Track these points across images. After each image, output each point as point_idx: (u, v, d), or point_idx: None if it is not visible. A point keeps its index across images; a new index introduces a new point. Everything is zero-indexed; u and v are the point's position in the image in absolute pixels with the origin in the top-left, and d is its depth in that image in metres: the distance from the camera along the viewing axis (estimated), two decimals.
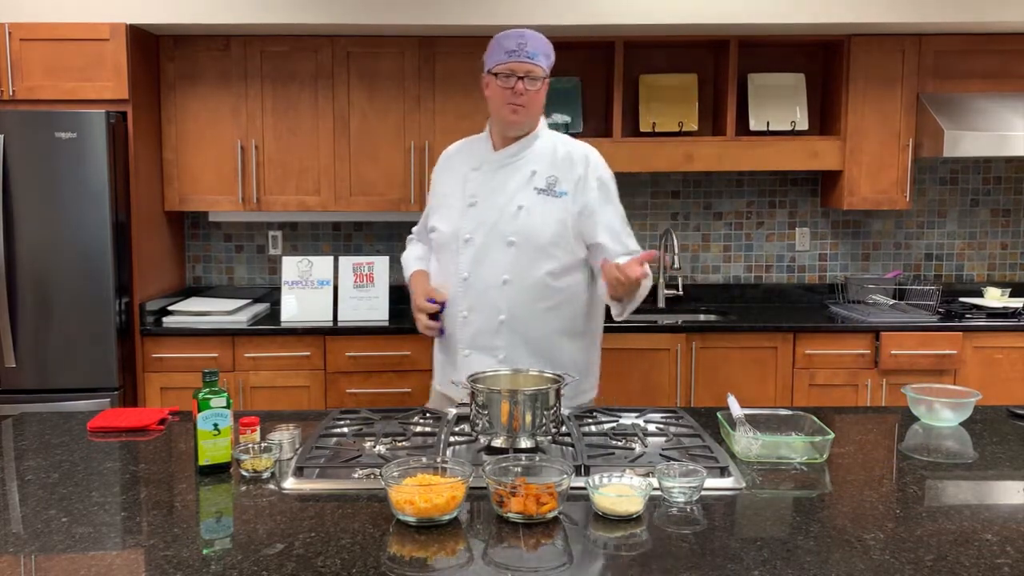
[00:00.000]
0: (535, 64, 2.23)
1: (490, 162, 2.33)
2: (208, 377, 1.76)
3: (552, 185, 2.27)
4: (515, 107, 2.24)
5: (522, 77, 2.22)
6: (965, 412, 2.10)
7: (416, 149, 3.85)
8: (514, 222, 2.25)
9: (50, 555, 1.38)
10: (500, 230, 2.26)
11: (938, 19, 3.61)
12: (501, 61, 2.23)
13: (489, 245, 2.26)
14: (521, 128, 2.31)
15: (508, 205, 2.26)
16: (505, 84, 2.23)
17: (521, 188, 2.28)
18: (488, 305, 2.26)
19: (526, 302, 2.25)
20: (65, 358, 3.46)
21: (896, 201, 3.94)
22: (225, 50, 3.81)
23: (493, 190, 2.29)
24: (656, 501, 1.57)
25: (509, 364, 2.24)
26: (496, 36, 2.27)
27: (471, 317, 2.29)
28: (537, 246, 2.25)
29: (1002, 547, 1.40)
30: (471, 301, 2.28)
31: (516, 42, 2.23)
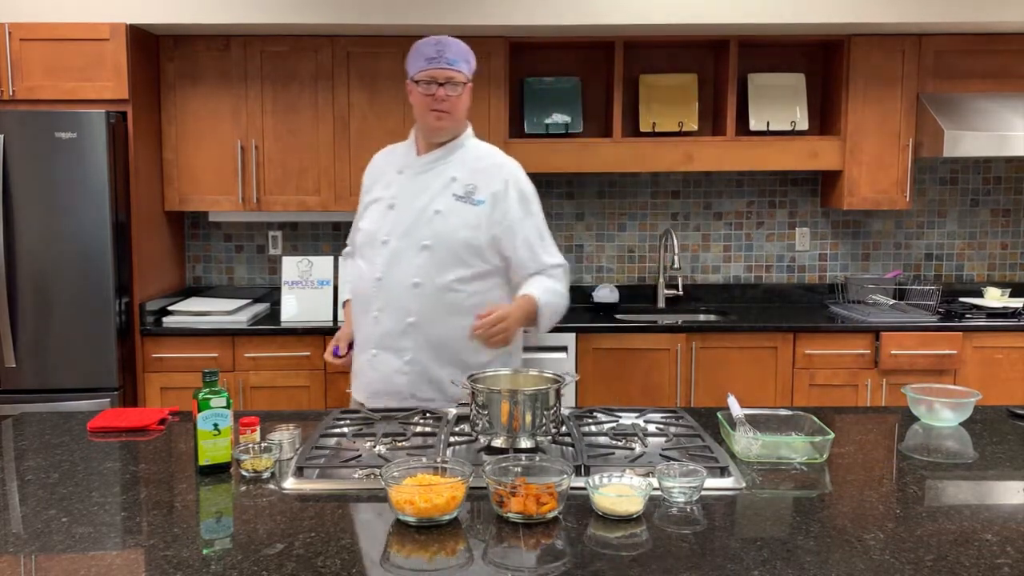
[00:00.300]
0: (455, 70, 2.27)
1: (412, 166, 2.38)
2: (208, 377, 1.76)
3: (470, 193, 2.31)
4: (439, 113, 2.29)
5: (443, 83, 2.26)
6: (965, 412, 2.10)
7: None
8: (429, 226, 2.29)
9: (50, 555, 1.38)
10: (415, 233, 2.29)
11: (938, 19, 3.61)
12: (421, 68, 2.28)
13: (404, 247, 2.29)
14: (445, 134, 2.35)
15: (425, 209, 2.30)
16: (426, 91, 2.27)
17: (439, 193, 2.32)
18: (398, 306, 2.29)
19: (435, 306, 2.28)
20: (65, 358, 3.46)
21: (896, 201, 3.94)
22: (225, 50, 3.81)
23: (413, 194, 2.33)
24: (656, 501, 1.57)
25: (414, 366, 2.29)
26: (416, 43, 2.32)
27: (381, 317, 2.31)
28: (450, 251, 2.28)
29: (1002, 547, 1.40)
30: (382, 302, 2.31)
31: (435, 49, 2.27)
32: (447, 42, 2.29)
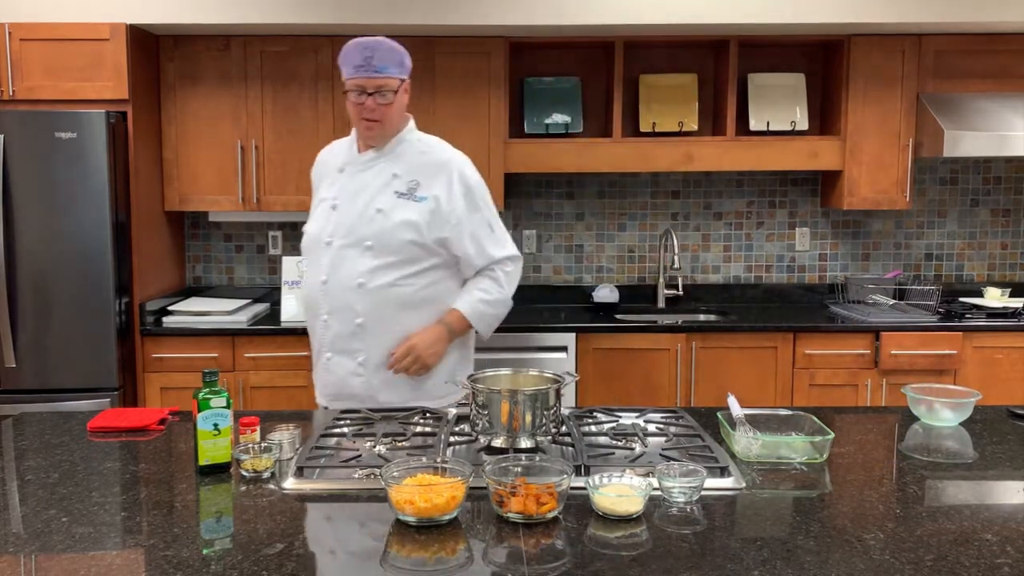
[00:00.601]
0: (386, 77, 2.21)
1: (353, 164, 2.34)
2: (208, 377, 1.76)
3: (413, 190, 2.27)
4: (368, 123, 2.25)
5: (372, 93, 2.20)
6: (965, 412, 2.10)
7: None
8: (371, 225, 2.25)
9: (50, 555, 1.38)
10: (357, 233, 2.26)
11: (938, 19, 3.61)
12: (349, 76, 2.22)
13: (347, 248, 2.27)
14: (377, 140, 2.32)
15: (367, 208, 2.27)
16: (356, 100, 2.22)
17: (380, 191, 2.28)
18: (345, 308, 2.27)
19: (380, 306, 2.26)
20: (65, 358, 3.46)
21: (896, 201, 3.94)
22: (225, 50, 3.81)
23: (354, 193, 2.30)
24: (656, 501, 1.57)
25: (368, 367, 2.28)
26: (345, 46, 2.24)
27: (330, 321, 2.30)
28: (393, 251, 2.25)
29: (1002, 547, 1.40)
30: (330, 304, 2.29)
31: (363, 55, 2.19)
32: (376, 46, 2.21)
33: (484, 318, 2.35)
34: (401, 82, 2.26)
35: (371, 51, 2.19)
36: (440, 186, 2.28)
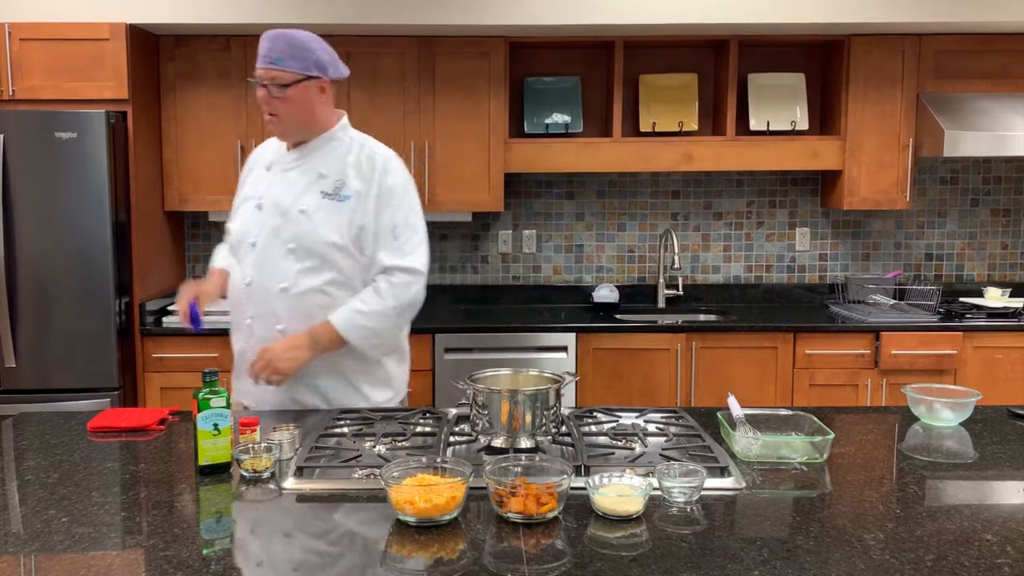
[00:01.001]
0: (280, 70, 2.10)
1: (280, 163, 2.26)
2: (208, 377, 1.76)
3: (339, 189, 2.18)
4: (269, 117, 2.17)
5: (265, 84, 2.12)
6: (965, 412, 2.10)
7: (416, 149, 3.85)
8: (294, 227, 2.17)
9: (50, 555, 1.38)
10: (281, 235, 2.18)
11: (938, 19, 3.61)
12: (256, 66, 2.15)
13: (271, 250, 2.18)
14: (284, 136, 2.24)
15: (291, 209, 2.18)
16: (259, 92, 2.15)
17: (305, 191, 2.19)
18: (268, 313, 2.20)
19: (305, 312, 2.17)
20: (65, 358, 3.46)
21: (896, 201, 3.94)
22: (225, 50, 3.81)
23: (280, 193, 2.21)
24: (656, 501, 1.57)
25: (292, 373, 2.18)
26: None
27: (254, 325, 2.24)
28: (315, 254, 2.16)
29: (1002, 547, 1.40)
30: (254, 308, 2.23)
31: (265, 46, 2.11)
32: (276, 37, 2.11)
33: (358, 330, 2.17)
34: (298, 78, 2.12)
35: (271, 42, 2.12)
36: (361, 184, 2.19)
